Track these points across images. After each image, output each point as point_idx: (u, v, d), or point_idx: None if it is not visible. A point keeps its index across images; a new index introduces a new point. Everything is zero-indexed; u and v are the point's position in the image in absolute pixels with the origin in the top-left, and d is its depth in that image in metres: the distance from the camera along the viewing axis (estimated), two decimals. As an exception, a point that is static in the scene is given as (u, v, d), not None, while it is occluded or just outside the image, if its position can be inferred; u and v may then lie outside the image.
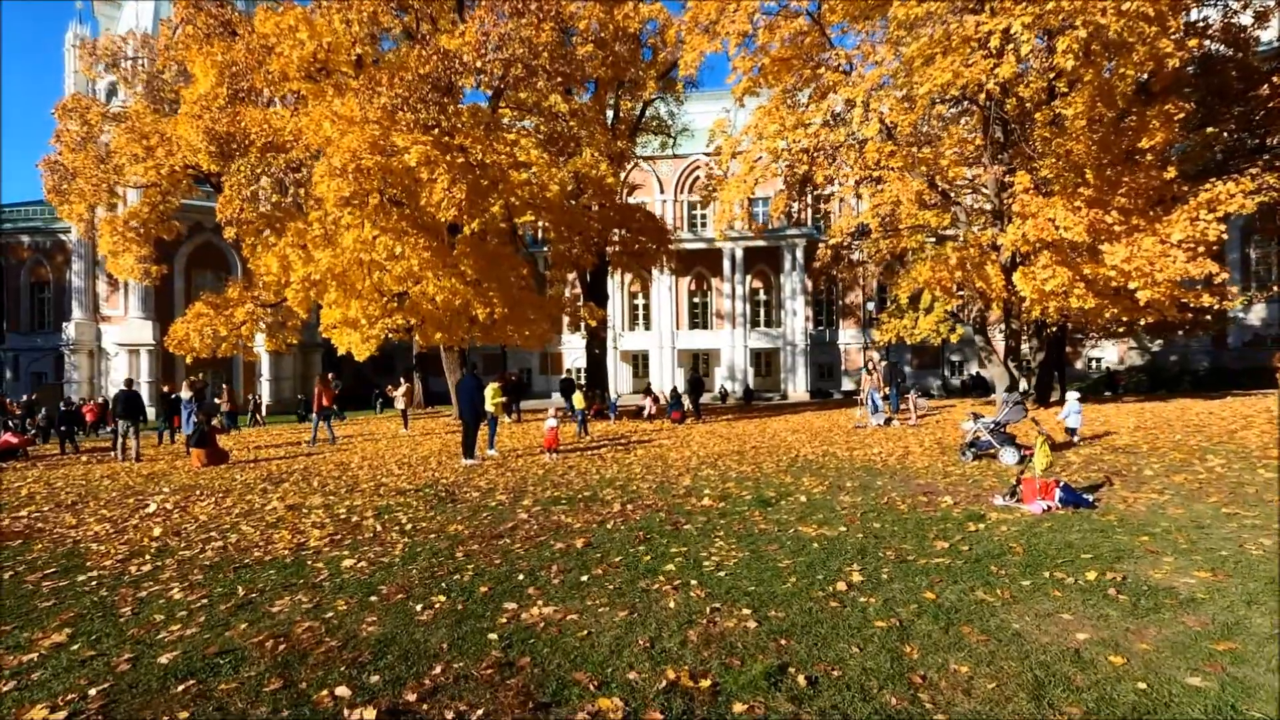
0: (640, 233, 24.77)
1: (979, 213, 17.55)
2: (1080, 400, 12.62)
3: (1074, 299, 14.67)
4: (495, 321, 17.76)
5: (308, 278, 15.41)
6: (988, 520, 6.40)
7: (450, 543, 6.37)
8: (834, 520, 6.65)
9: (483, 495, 8.79)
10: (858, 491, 8.07)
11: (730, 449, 12.89)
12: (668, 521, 6.92)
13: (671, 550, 5.81)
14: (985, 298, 15.21)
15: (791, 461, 10.86)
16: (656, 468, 10.73)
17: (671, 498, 8.18)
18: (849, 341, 47.84)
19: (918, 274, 15.43)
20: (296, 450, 15.84)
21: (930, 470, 9.42)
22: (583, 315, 22.94)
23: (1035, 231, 13.72)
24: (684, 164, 49.28)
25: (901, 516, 6.72)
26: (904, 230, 14.97)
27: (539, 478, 10.11)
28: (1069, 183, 13.86)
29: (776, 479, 9.19)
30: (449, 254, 16.54)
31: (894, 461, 10.34)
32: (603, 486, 9.10)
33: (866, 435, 14.41)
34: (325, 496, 9.14)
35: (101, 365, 38.49)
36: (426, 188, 14.09)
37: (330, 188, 13.16)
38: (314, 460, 13.61)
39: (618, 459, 11.93)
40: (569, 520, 7.14)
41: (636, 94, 22.53)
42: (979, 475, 8.91)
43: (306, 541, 6.65)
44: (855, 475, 9.24)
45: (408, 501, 8.50)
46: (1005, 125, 15.38)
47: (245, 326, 22.23)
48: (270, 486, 10.21)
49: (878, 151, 13.88)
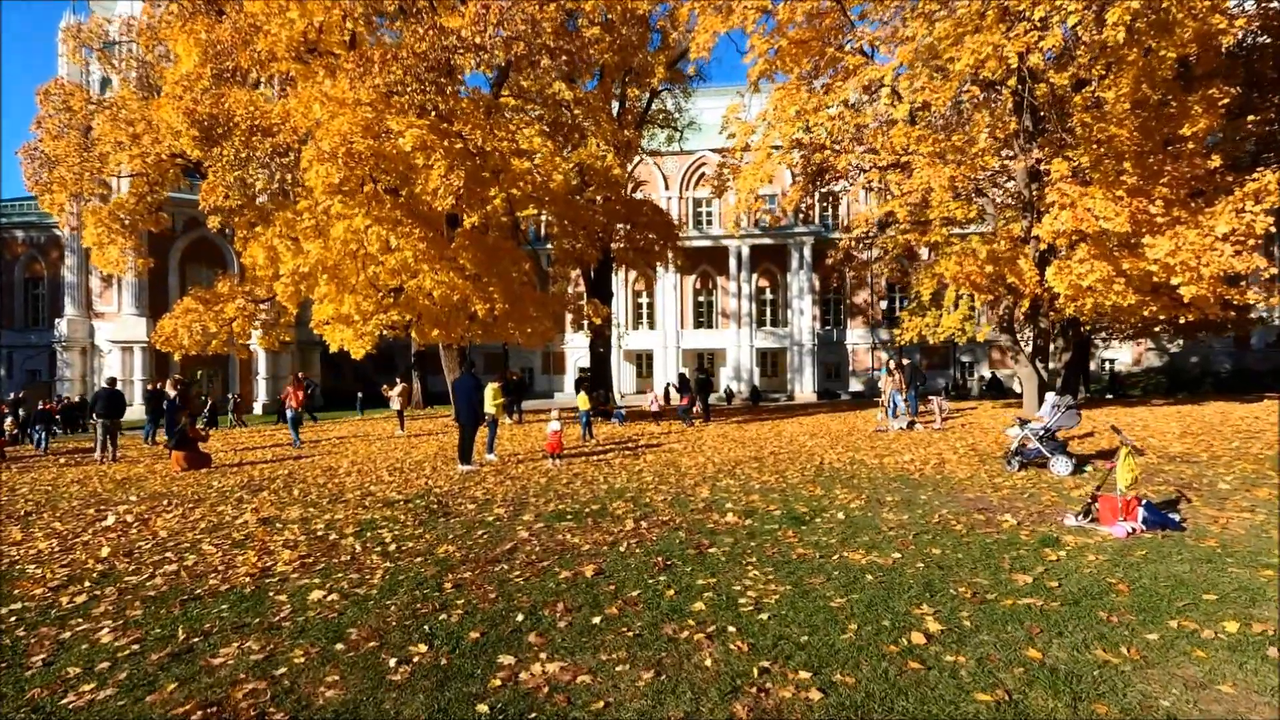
0: (647, 228, 23.85)
1: (1006, 205, 16.61)
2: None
3: (1113, 295, 13.74)
4: (495, 318, 16.86)
5: (296, 271, 14.52)
6: (1066, 546, 5.48)
7: (439, 569, 5.47)
8: (883, 544, 5.74)
9: (479, 508, 7.89)
10: (901, 507, 7.15)
11: (747, 455, 11.99)
12: (689, 543, 6.02)
13: (698, 582, 4.91)
14: (1017, 294, 14.28)
15: (817, 470, 9.94)
16: (670, 476, 9.83)
17: (690, 513, 7.27)
18: (857, 342, 46.95)
19: (943, 269, 14.50)
20: (285, 453, 14.96)
21: (975, 481, 8.50)
22: (587, 312, 22.03)
23: (1073, 222, 12.78)
24: (690, 160, 48.38)
25: (961, 539, 5.81)
26: (934, 220, 14.04)
27: (541, 487, 9.22)
28: (1109, 171, 12.94)
29: (805, 491, 8.28)
30: (447, 246, 15.65)
31: (931, 471, 9.42)
32: (612, 498, 8.21)
33: (891, 440, 13.49)
34: (305, 508, 8.25)
35: (94, 363, 37.67)
36: (422, 174, 13.19)
37: (319, 173, 12.27)
38: (301, 465, 12.73)
39: (626, 466, 11.03)
40: (576, 540, 6.24)
41: (644, 82, 21.63)
42: (1031, 487, 7.99)
43: (273, 565, 5.75)
44: (893, 487, 8.33)
45: (395, 515, 7.60)
46: (1035, 111, 14.45)
47: (237, 323, 21.41)
48: (247, 495, 9.32)
49: (905, 136, 12.96)
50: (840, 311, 47.50)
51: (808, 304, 44.31)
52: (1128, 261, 13.79)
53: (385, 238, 13.26)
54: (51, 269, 40.25)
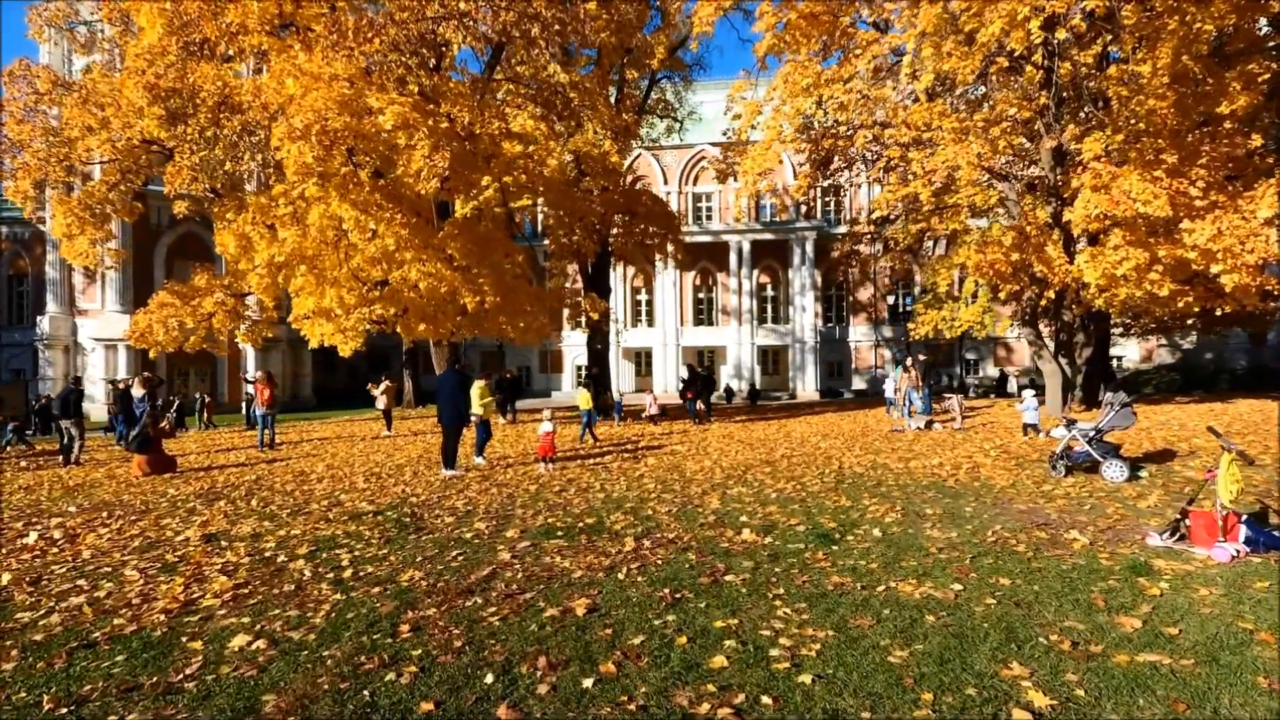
0: (646, 219, 22.87)
1: (1027, 191, 15.63)
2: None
3: (1147, 285, 12.79)
4: (486, 312, 15.88)
5: (271, 261, 13.52)
6: (1164, 576, 4.51)
7: (397, 604, 4.49)
8: (936, 571, 4.76)
9: (458, 522, 6.91)
10: (945, 522, 6.17)
11: (757, 458, 11.01)
12: (701, 568, 5.04)
13: (715, 624, 3.93)
14: (1044, 284, 13.32)
15: (837, 476, 8.97)
16: (674, 483, 8.85)
17: (700, 528, 6.30)
18: (860, 339, 46.02)
19: (964, 258, 13.53)
20: (259, 456, 13.96)
21: (1019, 489, 7.53)
22: (584, 306, 21.06)
23: (1108, 205, 11.82)
24: (690, 154, 47.45)
25: (1029, 564, 4.84)
26: (961, 201, 13.05)
27: (531, 495, 8.23)
28: (1147, 149, 11.98)
29: (829, 501, 7.30)
30: (433, 233, 14.66)
31: (965, 476, 8.45)
32: (609, 510, 7.22)
33: (910, 441, 12.52)
34: (261, 521, 7.26)
35: (78, 361, 36.60)
36: (404, 155, 12.20)
37: (290, 153, 11.27)
38: (272, 469, 11.73)
39: (626, 471, 10.05)
40: (566, 564, 5.26)
41: (642, 64, 20.64)
42: (1087, 497, 7.02)
43: (201, 597, 4.77)
44: (928, 497, 7.35)
45: (360, 531, 6.61)
46: (1060, 90, 13.47)
47: (217, 318, 20.41)
48: (201, 506, 8.33)
49: (927, 111, 11.99)
50: (843, 308, 46.57)
51: (810, 300, 43.37)
52: (1164, 248, 12.83)
53: (364, 223, 12.26)
54: (36, 265, 39.18)
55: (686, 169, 48.10)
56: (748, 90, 14.15)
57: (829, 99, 12.68)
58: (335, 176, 12.08)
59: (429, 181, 12.43)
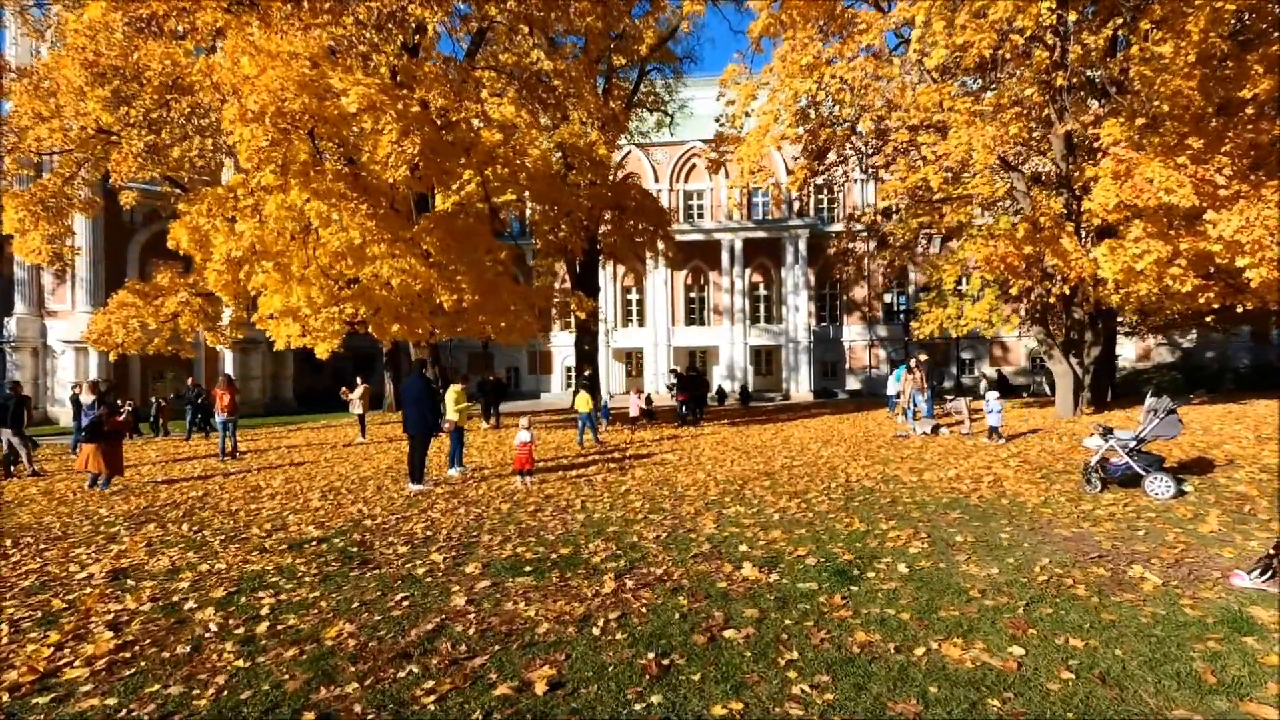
0: (636, 214, 21.94)
1: (1034, 182, 14.80)
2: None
3: (1168, 280, 11.98)
4: (464, 311, 14.90)
5: (229, 256, 12.51)
6: (1272, 631, 3.62)
7: (311, 675, 3.54)
8: (985, 625, 3.86)
9: (412, 552, 5.96)
10: (981, 553, 5.28)
11: (754, 469, 10.10)
12: (695, 618, 4.12)
13: (715, 711, 3.01)
14: (1057, 279, 12.48)
15: (846, 490, 8.07)
16: (663, 500, 7.92)
17: (692, 560, 5.38)
18: (854, 339, 45.32)
19: (972, 252, 12.67)
20: (217, 467, 12.92)
21: (1055, 509, 6.65)
22: (570, 305, 20.11)
23: (1130, 193, 11.00)
24: (681, 151, 46.63)
25: (1096, 615, 3.94)
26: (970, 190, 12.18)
27: (502, 517, 7.29)
28: (1170, 133, 11.18)
29: (840, 524, 6.39)
30: (405, 226, 13.68)
31: (989, 492, 7.57)
32: (589, 535, 6.29)
33: (918, 448, 11.65)
34: (185, 551, 6.28)
35: (47, 364, 35.29)
36: (370, 140, 11.23)
37: (243, 137, 10.27)
38: (227, 483, 10.72)
39: (611, 485, 9.12)
40: (531, 612, 4.33)
41: (631, 50, 19.72)
42: (1135, 518, 6.15)
43: (70, 662, 3.81)
44: (953, 519, 6.46)
45: (294, 565, 5.65)
46: (1072, 71, 12.62)
47: (183, 318, 19.34)
48: (127, 530, 7.33)
49: (937, 92, 11.14)
50: (837, 307, 45.84)
51: (803, 300, 42.61)
52: (1185, 241, 12.03)
53: (326, 214, 11.26)
54: (4, 265, 37.82)
55: (678, 166, 47.28)
56: (742, 75, 13.29)
57: (831, 79, 11.79)
58: (295, 164, 11.10)
59: (397, 169, 11.47)
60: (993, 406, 12.14)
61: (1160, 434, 7.11)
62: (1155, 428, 7.03)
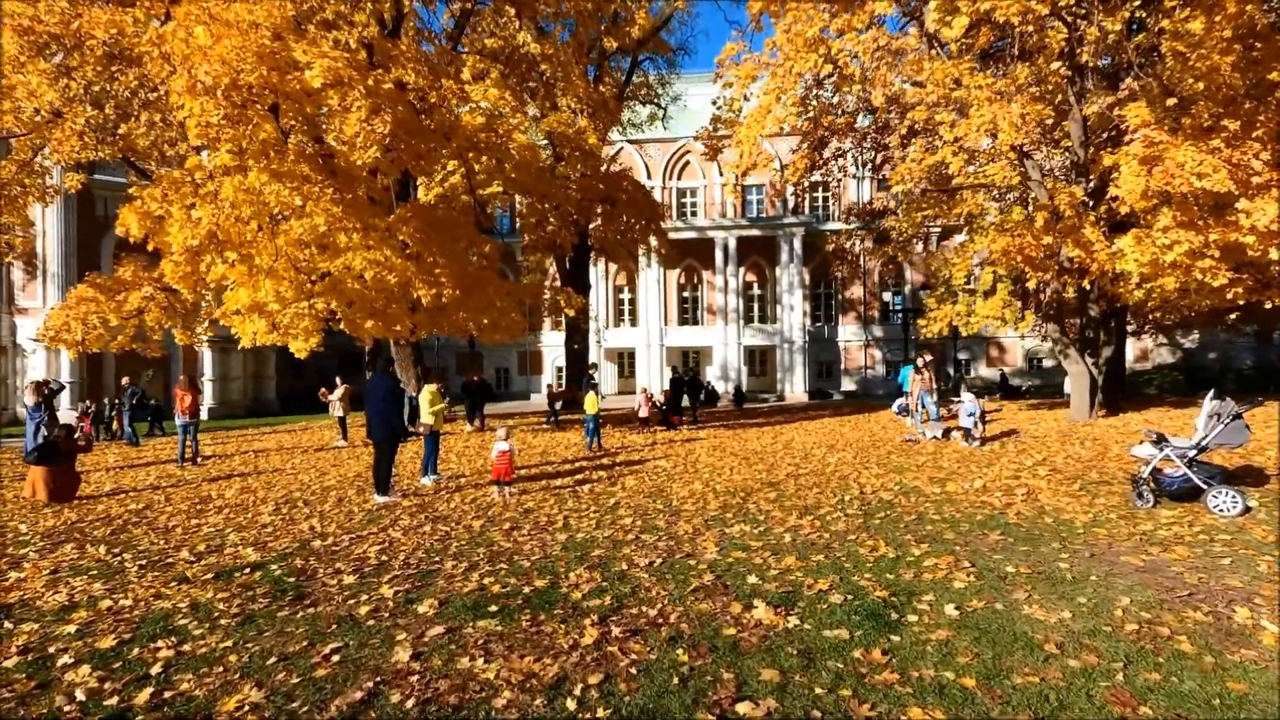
0: (628, 207, 21.02)
1: (1047, 174, 13.99)
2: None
3: (1197, 273, 11.18)
4: (444, 306, 13.94)
5: (186, 245, 11.51)
6: None
7: (181, 778, 2.61)
8: (1078, 697, 2.96)
9: (359, 583, 5.02)
10: (1042, 588, 4.38)
11: (756, 478, 9.20)
12: (698, 683, 3.21)
13: None
14: (1079, 271, 11.66)
15: (862, 504, 7.17)
16: (657, 516, 7.01)
17: (693, 596, 4.46)
18: (850, 339, 44.59)
19: (987, 244, 11.83)
20: (174, 475, 11.92)
21: (1109, 529, 5.78)
22: (559, 302, 19.19)
23: (1161, 179, 10.18)
24: (674, 147, 45.80)
25: (1219, 682, 3.06)
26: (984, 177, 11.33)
27: (472, 537, 6.36)
28: (1203, 114, 10.38)
29: (863, 548, 5.50)
30: (378, 214, 12.71)
31: (1027, 508, 6.69)
32: (571, 561, 5.37)
33: (932, 454, 10.79)
34: (94, 580, 5.31)
35: (17, 363, 34.01)
36: (337, 119, 10.27)
37: (192, 111, 9.30)
38: (174, 494, 9.72)
39: (598, 497, 8.20)
40: (490, 675, 3.41)
41: (623, 32, 18.80)
42: (1202, 539, 5.29)
43: None
44: (994, 541, 5.57)
45: (213, 602, 4.70)
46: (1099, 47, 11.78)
47: (150, 315, 18.28)
48: (40, 551, 6.35)
49: (954, 67, 10.30)
50: (832, 307, 45.10)
51: (798, 299, 41.80)
52: (1215, 231, 11.22)
53: (287, 198, 10.29)
54: (-26, 261, 36.54)
55: (671, 163, 46.46)
56: (740, 54, 12.42)
57: (840, 52, 10.91)
58: (254, 143, 10.12)
59: (367, 150, 10.53)
60: (969, 408, 11.84)
61: (1226, 442, 6.26)
62: (1220, 435, 6.17)
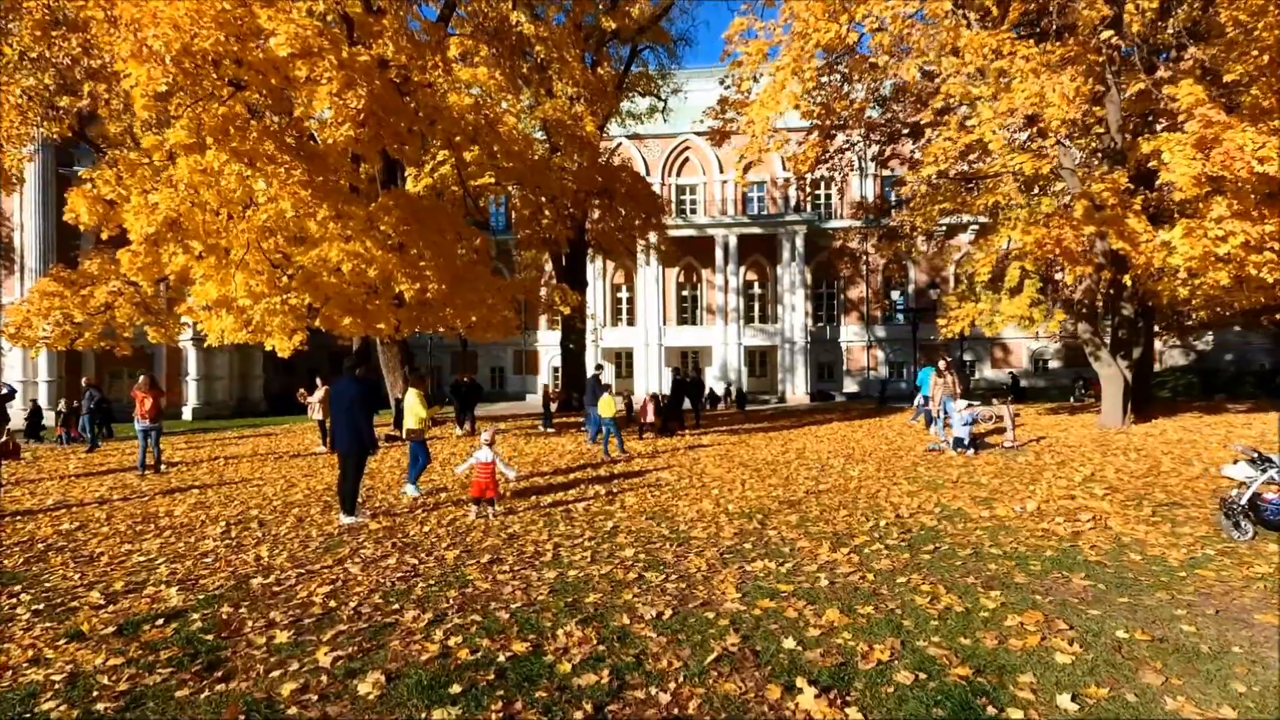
0: (627, 200, 20.01)
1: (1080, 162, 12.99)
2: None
3: (1251, 267, 10.21)
4: (428, 301, 12.92)
5: (144, 234, 10.47)
6: None
7: None
8: None
9: (293, 642, 3.98)
10: (1177, 666, 3.37)
11: (772, 495, 8.18)
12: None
13: None
14: (1119, 265, 10.67)
15: (901, 532, 6.15)
16: (662, 546, 5.99)
17: (714, 670, 3.44)
18: (852, 339, 43.65)
19: (1019, 236, 10.83)
20: (129, 486, 10.86)
21: (1216, 571, 4.76)
22: (554, 299, 18.17)
23: (1219, 163, 9.20)
24: (673, 143, 44.84)
25: None
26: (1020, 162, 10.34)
27: (443, 573, 5.33)
28: (1265, 91, 9.42)
29: (919, 595, 4.47)
30: (355, 200, 11.69)
31: (1098, 538, 5.68)
32: (559, 613, 4.33)
33: (961, 466, 9.78)
34: (-33, 635, 4.28)
35: (-5, 361, 32.88)
36: (305, 92, 9.24)
37: (139, 79, 8.26)
38: (116, 510, 8.67)
39: (594, 519, 7.17)
40: (437, 813, 2.39)
41: (622, 13, 17.80)
42: (1339, 588, 4.29)
43: None
44: (1079, 587, 4.55)
45: (94, 676, 3.65)
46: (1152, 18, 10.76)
47: (120, 311, 17.25)
48: (-77, 590, 5.31)
49: (992, 37, 9.32)
50: (834, 307, 44.16)
51: (799, 299, 40.85)
52: (1272, 222, 10.25)
53: (250, 180, 9.26)
54: (-51, 256, 35.38)
55: (670, 159, 45.46)
56: (751, 28, 11.41)
57: (866, 17, 9.91)
58: (212, 118, 9.08)
59: (340, 128, 9.52)
60: (964, 418, 10.93)
61: (1344, 462, 5.26)
62: (1338, 454, 5.17)
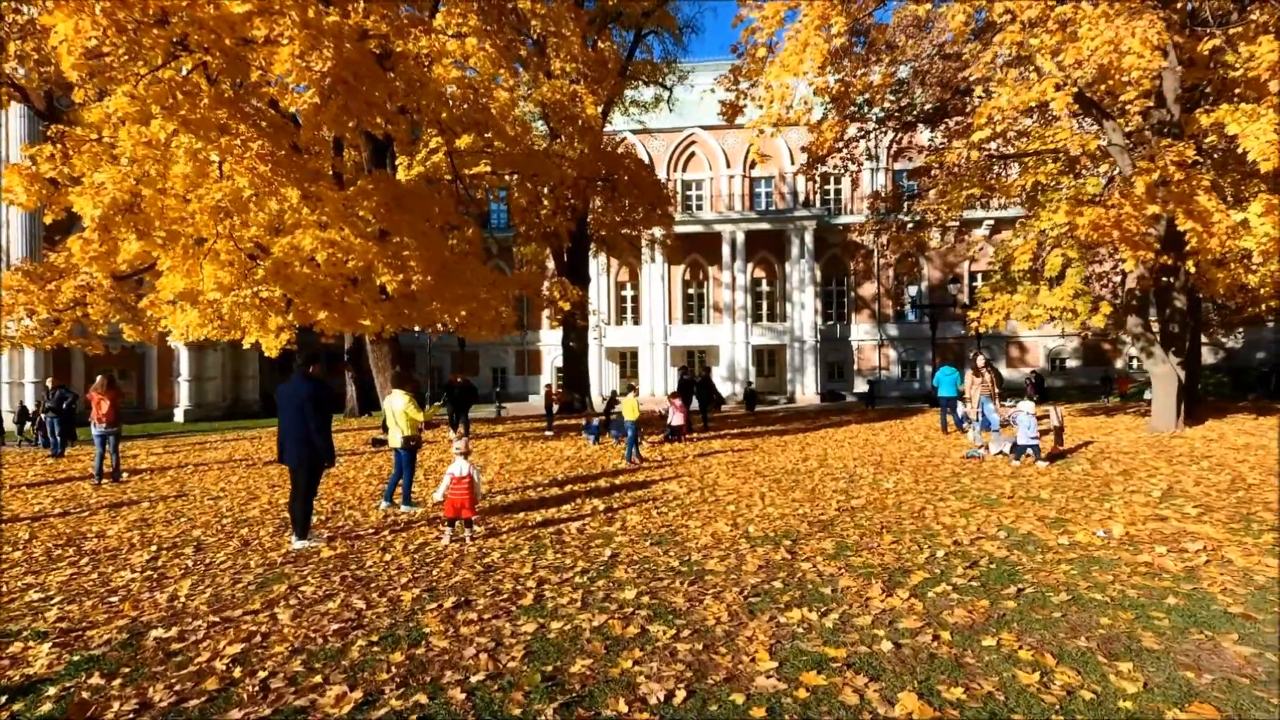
0: (630, 189, 18.89)
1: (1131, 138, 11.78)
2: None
3: (1336, 253, 9.01)
4: (412, 294, 11.83)
5: (93, 219, 9.40)
6: None
7: None
8: None
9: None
10: None
11: (797, 511, 7.02)
12: None
13: None
14: (1183, 251, 9.49)
15: (965, 565, 5.00)
16: (672, 585, 4.85)
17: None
18: (863, 338, 42.40)
19: (1071, 219, 9.65)
20: (79, 497, 9.80)
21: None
22: (553, 294, 17.06)
23: (1309, 131, 8.01)
24: (679, 138, 43.66)
25: None
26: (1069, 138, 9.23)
27: (394, 622, 4.20)
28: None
29: (1017, 666, 3.33)
30: (331, 184, 10.60)
31: (1224, 578, 4.52)
32: (535, 694, 3.21)
33: (1009, 477, 8.61)
34: None
35: (-20, 362, 31.98)
36: (264, 54, 8.15)
37: (66, 34, 7.18)
38: (45, 529, 7.59)
39: (589, 542, 6.04)
40: None
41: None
42: None
43: None
44: (1246, 658, 3.42)
45: None
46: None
47: (94, 307, 16.17)
48: None
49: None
50: (844, 305, 42.91)
51: (809, 296, 39.64)
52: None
53: (201, 153, 8.19)
54: (-64, 253, 34.55)
55: (676, 154, 44.28)
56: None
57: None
58: (159, 82, 8.02)
59: (300, 96, 8.43)
60: (1026, 422, 9.52)
61: None
62: None
